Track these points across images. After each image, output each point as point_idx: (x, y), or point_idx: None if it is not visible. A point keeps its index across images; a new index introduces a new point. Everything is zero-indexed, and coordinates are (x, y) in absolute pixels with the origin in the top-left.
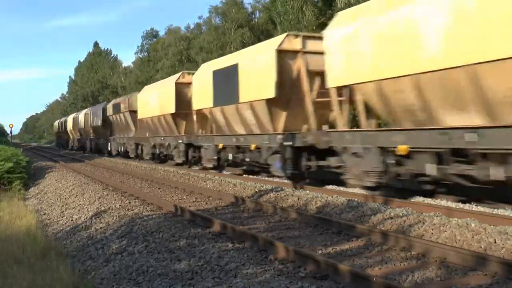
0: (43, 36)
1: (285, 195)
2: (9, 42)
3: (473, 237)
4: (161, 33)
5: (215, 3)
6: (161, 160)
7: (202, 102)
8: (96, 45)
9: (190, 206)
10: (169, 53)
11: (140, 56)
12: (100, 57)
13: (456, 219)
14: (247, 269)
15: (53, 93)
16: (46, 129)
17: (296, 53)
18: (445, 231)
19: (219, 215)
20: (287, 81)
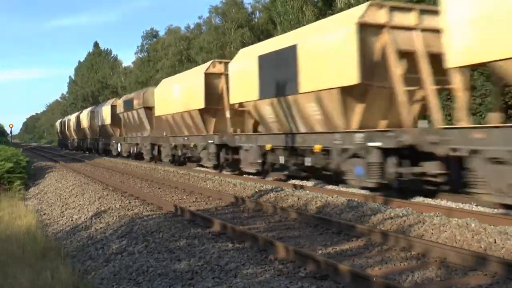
0: (43, 36)
1: (285, 195)
2: (9, 42)
3: (473, 237)
4: (161, 33)
5: (215, 3)
6: (180, 162)
7: (242, 94)
8: (96, 45)
9: (190, 206)
10: (169, 53)
11: (140, 56)
12: (100, 57)
13: (456, 219)
14: (247, 269)
15: (53, 93)
16: (46, 129)
17: (381, 27)
18: (445, 231)
19: (219, 215)
20: (370, 63)
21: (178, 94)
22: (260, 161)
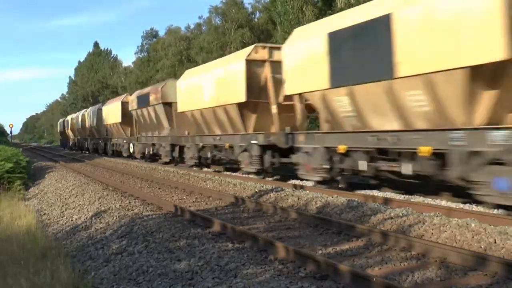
0: (43, 36)
1: (285, 195)
2: (9, 42)
3: (473, 237)
4: (161, 33)
5: (215, 3)
6: (206, 165)
7: (304, 83)
8: (96, 45)
9: (190, 206)
10: (169, 53)
11: (140, 56)
12: (100, 57)
13: (456, 219)
14: (247, 269)
15: (53, 93)
16: (46, 129)
17: None
18: (445, 231)
19: (219, 215)
20: None
21: (209, 86)
22: (327, 166)
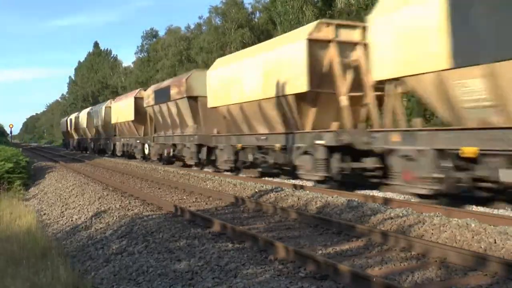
0: (43, 36)
1: (285, 195)
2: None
3: (473, 237)
4: (161, 33)
5: (215, 3)
6: (238, 170)
7: (407, 63)
8: (96, 45)
9: (190, 206)
10: (169, 53)
11: (140, 56)
12: (100, 57)
13: (456, 219)
14: (247, 269)
15: (53, 93)
16: (46, 129)
17: None
18: (445, 231)
19: (219, 215)
20: None
21: (252, 75)
22: (441, 176)
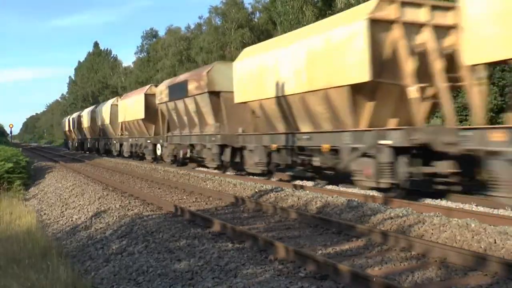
0: (43, 36)
1: (285, 195)
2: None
3: (473, 237)
4: (161, 33)
5: (215, 3)
6: (271, 173)
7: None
8: (96, 45)
9: (190, 206)
10: (169, 53)
11: (140, 56)
12: (100, 57)
13: (456, 219)
14: (247, 269)
15: (53, 93)
16: (46, 129)
17: None
18: (445, 231)
19: (219, 215)
20: None
21: (293, 64)
22: None
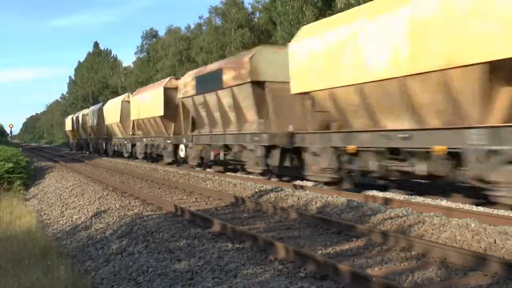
0: (43, 36)
1: (285, 195)
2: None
3: (473, 237)
4: (161, 33)
5: (215, 4)
6: (337, 184)
7: None
8: (96, 45)
9: (190, 206)
10: (169, 53)
11: (140, 56)
12: (100, 57)
13: (456, 219)
14: (247, 269)
15: (53, 93)
16: (46, 129)
17: None
18: (445, 231)
19: (219, 215)
20: None
21: (390, 39)
22: None
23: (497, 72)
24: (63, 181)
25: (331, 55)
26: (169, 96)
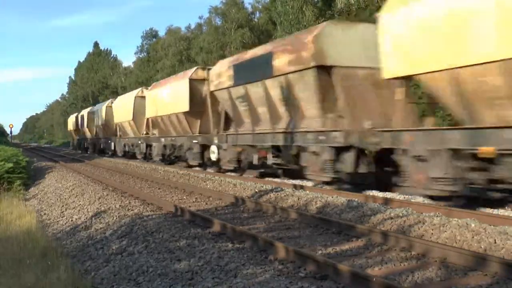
0: (43, 36)
1: (285, 195)
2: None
3: (473, 237)
4: (161, 33)
5: (215, 4)
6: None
7: None
8: (96, 45)
9: (190, 206)
10: (169, 53)
11: (140, 56)
12: (100, 57)
13: (456, 219)
14: (247, 269)
15: (53, 93)
16: (46, 129)
17: None
18: (445, 231)
19: (219, 215)
20: None
21: None
22: None
23: None
24: (63, 181)
25: (456, 24)
26: (195, 89)
